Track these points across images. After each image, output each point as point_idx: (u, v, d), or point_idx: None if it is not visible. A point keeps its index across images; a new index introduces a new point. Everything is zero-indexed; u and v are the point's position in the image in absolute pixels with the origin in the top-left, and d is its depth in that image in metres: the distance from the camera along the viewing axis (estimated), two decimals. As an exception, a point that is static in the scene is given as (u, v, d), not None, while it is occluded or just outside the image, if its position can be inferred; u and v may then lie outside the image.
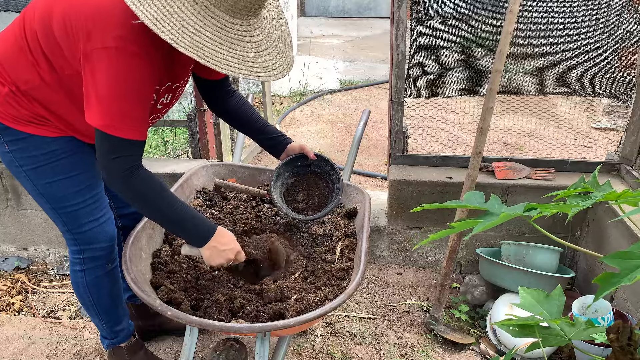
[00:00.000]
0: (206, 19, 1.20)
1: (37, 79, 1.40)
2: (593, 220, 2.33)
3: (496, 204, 1.07)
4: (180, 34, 1.16)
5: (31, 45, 1.37)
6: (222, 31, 1.21)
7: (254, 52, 1.27)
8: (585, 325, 1.03)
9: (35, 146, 1.48)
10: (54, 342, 2.17)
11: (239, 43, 1.24)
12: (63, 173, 1.52)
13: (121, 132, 1.29)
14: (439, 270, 2.59)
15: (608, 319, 1.87)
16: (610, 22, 2.27)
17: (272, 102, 4.89)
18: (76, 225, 1.61)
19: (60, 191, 1.54)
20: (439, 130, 2.89)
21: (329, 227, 1.85)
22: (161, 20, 1.15)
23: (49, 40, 1.34)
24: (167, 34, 1.15)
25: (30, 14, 1.39)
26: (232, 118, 1.80)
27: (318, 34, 8.77)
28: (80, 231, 1.62)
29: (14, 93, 1.42)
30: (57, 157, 1.51)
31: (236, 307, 1.47)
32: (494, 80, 1.98)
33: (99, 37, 1.23)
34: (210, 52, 1.19)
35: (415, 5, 2.35)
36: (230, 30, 1.23)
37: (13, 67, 1.41)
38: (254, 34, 1.28)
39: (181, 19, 1.17)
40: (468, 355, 2.10)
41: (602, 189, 1.01)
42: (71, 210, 1.58)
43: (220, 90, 1.75)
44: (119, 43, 1.22)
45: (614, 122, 4.19)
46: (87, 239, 1.63)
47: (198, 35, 1.18)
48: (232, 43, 1.23)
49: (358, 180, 3.64)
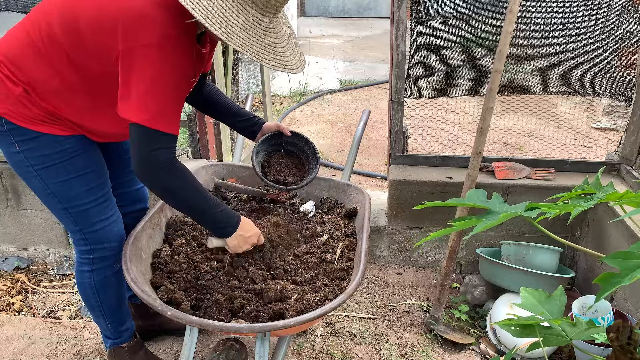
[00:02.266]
0: (244, 17, 1.26)
1: (56, 80, 1.40)
2: (593, 220, 2.33)
3: (498, 203, 1.07)
4: (229, 31, 1.23)
5: (50, 46, 1.37)
6: (257, 28, 1.28)
7: (279, 47, 1.34)
8: (586, 325, 1.03)
9: (46, 145, 1.48)
10: (54, 342, 2.17)
11: (269, 39, 1.31)
12: (75, 172, 1.53)
13: (161, 125, 1.32)
14: (439, 270, 2.59)
15: (608, 319, 1.87)
16: (610, 22, 2.27)
17: (272, 102, 4.89)
18: (88, 225, 1.61)
19: (72, 190, 1.54)
20: (439, 130, 2.89)
21: (329, 227, 1.85)
22: (212, 19, 1.21)
23: (75, 41, 1.34)
24: (219, 32, 1.21)
25: (46, 14, 1.38)
26: (206, 104, 1.83)
27: (318, 34, 8.77)
28: (92, 230, 1.62)
29: (28, 93, 1.41)
30: (69, 156, 1.51)
31: (236, 307, 1.47)
32: (494, 80, 1.98)
33: (141, 35, 1.26)
34: (252, 47, 1.26)
35: (415, 5, 2.35)
36: (262, 27, 1.29)
37: (28, 67, 1.40)
38: (277, 31, 1.34)
39: (226, 17, 1.23)
40: (468, 355, 2.10)
41: (604, 190, 1.01)
42: (83, 210, 1.58)
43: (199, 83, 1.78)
44: (162, 40, 1.26)
45: (614, 122, 4.20)
46: (98, 238, 1.63)
47: (242, 33, 1.25)
48: (266, 39, 1.30)
49: (358, 180, 3.63)
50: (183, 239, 1.72)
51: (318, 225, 1.87)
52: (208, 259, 1.68)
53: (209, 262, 1.66)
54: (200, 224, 1.60)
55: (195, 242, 1.74)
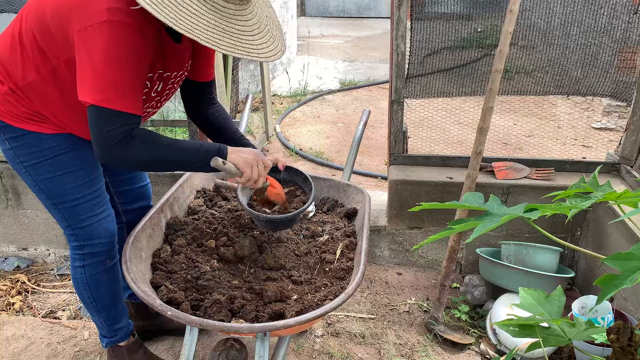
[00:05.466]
0: (201, 2, 1.24)
1: (33, 73, 1.42)
2: (593, 220, 2.33)
3: (495, 205, 1.07)
4: (179, 16, 1.20)
5: (27, 41, 1.40)
6: (217, 14, 1.26)
7: (248, 34, 1.31)
8: (586, 326, 1.03)
9: (33, 143, 1.51)
10: (54, 342, 2.17)
11: (234, 26, 1.28)
12: (62, 169, 1.55)
13: (114, 104, 1.28)
14: (439, 270, 2.59)
15: (608, 319, 1.87)
16: (610, 22, 2.27)
17: (272, 102, 4.89)
18: (76, 221, 1.63)
19: (60, 187, 1.56)
20: (439, 130, 2.89)
21: (329, 227, 1.85)
22: (159, 4, 1.19)
23: (44, 31, 1.36)
24: (167, 17, 1.19)
25: (26, 13, 1.43)
26: (208, 125, 1.76)
27: (318, 34, 8.77)
28: (80, 226, 1.64)
29: (13, 91, 1.46)
30: (56, 154, 1.53)
31: (236, 307, 1.47)
32: (494, 80, 1.98)
33: (91, 13, 1.26)
34: (208, 33, 1.23)
35: (415, 5, 2.35)
36: (225, 13, 1.27)
37: (11, 65, 1.44)
38: (247, 18, 1.32)
39: (178, 3, 1.21)
40: (468, 355, 2.10)
41: (602, 189, 1.00)
42: (71, 206, 1.60)
43: (202, 94, 1.75)
44: (111, 16, 1.25)
45: (614, 122, 4.20)
46: (86, 234, 1.65)
47: (196, 18, 1.22)
48: (228, 25, 1.27)
49: (358, 180, 3.63)
50: (183, 239, 1.73)
51: (318, 225, 1.87)
52: (208, 259, 1.68)
53: (209, 262, 1.66)
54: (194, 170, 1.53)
55: (195, 242, 1.74)
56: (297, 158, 4.02)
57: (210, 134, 1.78)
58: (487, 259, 2.27)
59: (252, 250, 1.71)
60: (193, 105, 1.77)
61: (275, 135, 4.45)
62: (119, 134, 1.30)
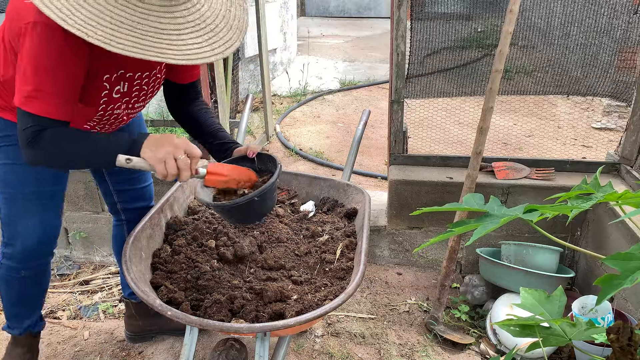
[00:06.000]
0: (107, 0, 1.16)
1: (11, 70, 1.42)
2: (593, 221, 2.33)
3: (496, 206, 1.07)
4: (64, 14, 1.13)
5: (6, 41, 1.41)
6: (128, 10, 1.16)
7: (171, 33, 1.21)
8: (586, 326, 1.03)
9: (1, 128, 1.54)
10: (54, 342, 2.17)
11: (149, 24, 1.18)
12: (12, 158, 1.55)
13: (34, 107, 1.26)
14: (439, 270, 2.59)
15: (608, 319, 1.87)
16: (610, 22, 2.27)
17: (272, 102, 4.89)
18: (8, 214, 1.61)
19: (7, 175, 1.57)
20: (439, 130, 2.89)
21: (329, 227, 1.85)
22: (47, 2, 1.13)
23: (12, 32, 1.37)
24: (54, 12, 1.12)
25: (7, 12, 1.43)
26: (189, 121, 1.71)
27: (318, 34, 8.77)
28: (8, 222, 1.62)
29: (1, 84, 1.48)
30: (13, 142, 1.53)
31: (236, 307, 1.47)
32: (494, 80, 1.98)
33: (23, 16, 1.26)
34: (103, 30, 1.13)
35: (415, 5, 2.35)
36: (142, 10, 1.18)
37: None
38: (177, 16, 1.22)
39: None
40: (468, 355, 2.10)
41: (602, 189, 1.00)
42: (10, 198, 1.59)
43: (186, 95, 1.71)
44: (37, 17, 1.23)
45: (614, 122, 4.20)
46: (12, 232, 1.63)
47: (95, 14, 1.14)
48: (140, 24, 1.17)
49: (358, 180, 3.64)
50: (183, 239, 1.73)
51: (318, 225, 1.87)
52: (208, 259, 1.68)
53: (209, 262, 1.66)
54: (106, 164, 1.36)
55: (195, 242, 1.74)
56: (297, 158, 4.02)
57: (190, 131, 1.73)
58: (487, 259, 2.27)
59: (252, 250, 1.71)
60: (177, 106, 1.72)
61: (275, 135, 4.46)
62: (29, 133, 1.28)
